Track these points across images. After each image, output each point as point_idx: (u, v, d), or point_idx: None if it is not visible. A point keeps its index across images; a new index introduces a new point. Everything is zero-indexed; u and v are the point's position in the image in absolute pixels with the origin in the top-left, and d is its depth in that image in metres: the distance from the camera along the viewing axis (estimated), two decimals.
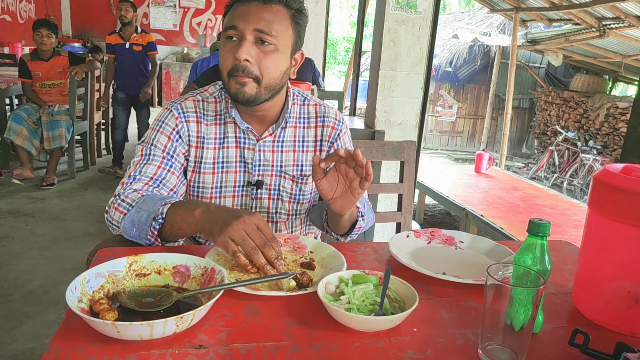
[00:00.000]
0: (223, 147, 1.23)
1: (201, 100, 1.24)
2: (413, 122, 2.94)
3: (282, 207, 1.29)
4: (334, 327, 0.80)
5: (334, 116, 1.32)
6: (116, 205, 1.11)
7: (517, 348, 0.74)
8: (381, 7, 2.80)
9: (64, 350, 0.70)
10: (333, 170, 1.04)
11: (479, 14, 9.32)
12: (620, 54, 6.67)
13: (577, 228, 3.17)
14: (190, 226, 1.02)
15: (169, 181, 1.18)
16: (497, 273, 0.77)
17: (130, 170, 1.17)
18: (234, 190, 1.25)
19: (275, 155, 1.26)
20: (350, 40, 15.42)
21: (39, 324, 2.26)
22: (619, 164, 0.92)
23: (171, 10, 8.99)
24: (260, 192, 1.26)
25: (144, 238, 1.06)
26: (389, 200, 2.96)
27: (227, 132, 1.23)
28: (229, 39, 1.12)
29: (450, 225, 4.71)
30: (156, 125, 1.21)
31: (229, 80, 1.13)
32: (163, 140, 1.19)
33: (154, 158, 1.17)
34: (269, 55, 1.11)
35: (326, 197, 1.06)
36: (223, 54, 1.13)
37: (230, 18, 1.12)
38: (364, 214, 1.22)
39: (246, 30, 1.09)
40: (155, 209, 1.05)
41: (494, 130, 9.48)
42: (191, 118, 1.21)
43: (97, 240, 1.20)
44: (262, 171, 1.25)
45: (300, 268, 1.02)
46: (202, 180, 1.23)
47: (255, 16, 1.09)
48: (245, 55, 1.08)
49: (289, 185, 1.28)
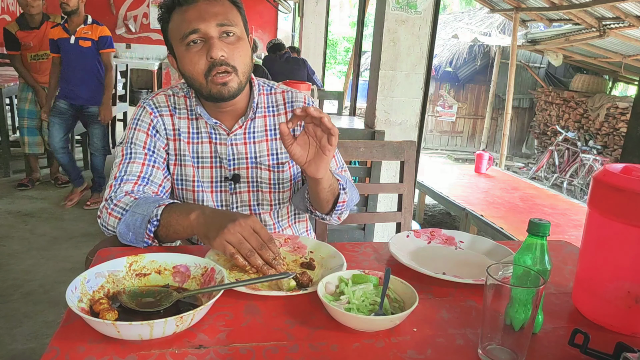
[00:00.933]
0: (197, 142, 1.24)
1: (172, 95, 1.26)
2: (413, 122, 2.94)
3: (263, 198, 1.29)
4: (334, 327, 0.80)
5: (302, 100, 1.32)
6: (109, 210, 1.11)
7: (517, 348, 0.74)
8: (381, 7, 2.80)
9: (64, 350, 0.70)
10: (302, 133, 1.03)
11: (479, 14, 9.32)
12: (620, 54, 6.67)
13: (577, 228, 3.17)
14: (185, 229, 1.03)
15: (156, 177, 1.19)
16: (497, 273, 0.77)
17: (115, 172, 1.17)
18: (212, 185, 1.25)
19: (248, 147, 1.26)
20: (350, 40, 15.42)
21: (39, 324, 2.26)
22: (619, 164, 0.92)
23: None
24: (239, 186, 1.27)
25: (141, 241, 1.06)
26: (389, 200, 2.96)
27: (199, 127, 1.24)
28: (192, 43, 1.11)
29: (450, 225, 4.71)
30: (132, 124, 1.22)
31: (206, 83, 1.12)
32: (142, 137, 1.20)
33: (136, 156, 1.18)
34: (235, 44, 1.13)
35: (300, 161, 1.05)
36: (191, 59, 1.12)
37: (185, 23, 1.10)
38: (345, 187, 1.21)
39: (209, 29, 1.10)
40: (149, 211, 1.05)
41: (494, 130, 9.49)
42: (164, 112, 1.23)
43: (97, 240, 1.20)
44: (237, 165, 1.26)
45: (300, 268, 1.02)
46: (185, 173, 1.24)
47: (209, 13, 1.10)
48: (220, 52, 1.10)
49: (266, 175, 1.28)
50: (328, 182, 1.13)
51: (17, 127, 4.03)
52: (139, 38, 9.02)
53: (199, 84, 1.14)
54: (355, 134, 2.89)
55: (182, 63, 1.15)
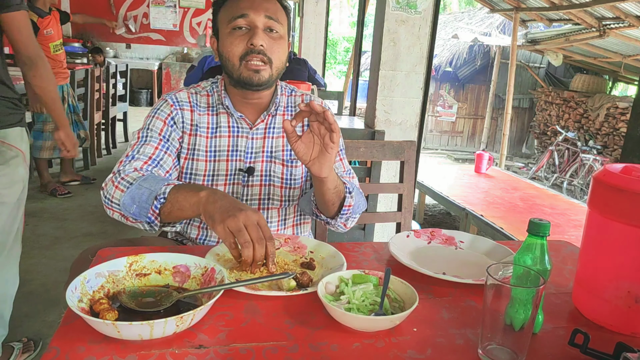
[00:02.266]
0: (215, 137, 1.27)
1: (194, 93, 1.30)
2: (413, 122, 2.94)
3: (273, 192, 1.31)
4: (334, 327, 0.80)
5: (319, 103, 1.33)
6: (116, 183, 1.11)
7: (517, 348, 0.74)
8: (381, 7, 2.80)
9: (64, 350, 0.70)
10: (307, 132, 1.06)
11: (479, 14, 9.32)
12: (620, 54, 6.67)
13: (577, 228, 3.17)
14: (192, 206, 1.02)
15: (165, 162, 1.21)
16: (497, 273, 0.77)
17: (128, 151, 1.21)
18: (226, 178, 1.28)
19: (267, 141, 1.30)
20: (350, 40, 15.42)
21: (39, 324, 2.26)
22: (619, 164, 0.92)
23: (171, 10, 8.99)
24: (252, 178, 1.29)
25: (144, 215, 1.06)
26: (389, 200, 2.96)
27: (219, 122, 1.28)
28: (238, 28, 1.17)
29: (450, 225, 4.71)
30: (152, 112, 1.26)
31: (239, 65, 1.18)
32: (159, 125, 1.24)
33: (151, 139, 1.22)
34: (277, 41, 1.20)
35: (304, 159, 1.07)
36: (232, 41, 1.18)
37: (237, 8, 1.17)
38: (351, 190, 1.23)
39: (257, 17, 1.17)
40: (157, 187, 1.06)
41: (494, 130, 9.48)
42: (185, 107, 1.27)
43: (98, 240, 1.20)
44: (253, 158, 1.29)
45: (300, 268, 1.02)
46: (195, 167, 1.26)
47: (262, 5, 1.18)
48: (261, 41, 1.16)
49: (279, 169, 1.30)
50: (333, 182, 1.14)
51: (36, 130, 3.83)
52: (139, 38, 9.02)
53: (232, 65, 1.19)
54: (355, 134, 2.89)
55: (222, 44, 1.21)
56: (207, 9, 9.10)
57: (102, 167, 4.80)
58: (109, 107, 5.20)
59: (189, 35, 9.17)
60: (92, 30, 8.76)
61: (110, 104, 5.24)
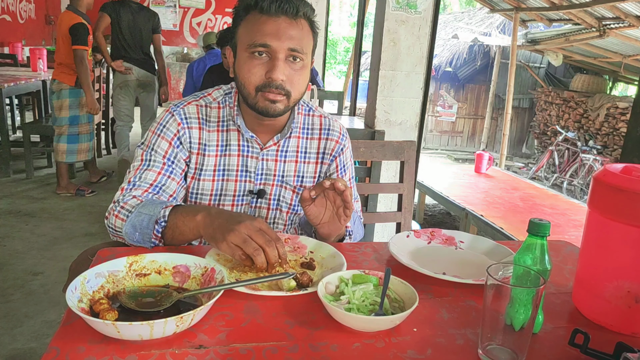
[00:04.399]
0: (225, 155, 1.21)
1: (204, 106, 1.21)
2: (413, 122, 2.94)
3: (280, 217, 1.29)
4: (334, 327, 0.80)
5: (338, 130, 1.33)
6: (116, 212, 1.11)
7: (517, 348, 0.74)
8: (381, 7, 2.80)
9: (64, 350, 0.70)
10: (321, 196, 1.06)
11: (479, 14, 9.32)
12: (620, 54, 6.67)
13: (577, 228, 3.17)
14: (192, 231, 1.02)
15: (168, 187, 1.17)
16: (497, 273, 0.77)
17: (130, 176, 1.16)
18: (234, 199, 1.24)
19: (278, 165, 1.25)
20: (350, 40, 15.42)
21: (39, 324, 2.26)
22: (619, 164, 0.92)
23: (171, 10, 8.99)
24: (261, 201, 1.26)
25: (147, 241, 1.06)
26: (389, 200, 2.96)
27: (229, 139, 1.21)
28: (257, 54, 1.09)
29: (450, 225, 4.70)
30: (157, 129, 1.18)
31: (255, 95, 1.11)
32: (164, 146, 1.17)
33: (154, 164, 1.16)
34: (299, 72, 1.12)
35: (314, 222, 1.08)
36: (251, 69, 1.10)
37: (260, 35, 1.07)
38: (351, 232, 1.25)
39: (280, 50, 1.07)
40: (156, 212, 1.05)
41: (494, 130, 9.48)
42: (194, 124, 1.19)
43: (97, 240, 1.20)
44: (264, 180, 1.25)
45: (300, 268, 1.02)
46: (202, 187, 1.22)
47: (287, 34, 1.08)
48: (281, 76, 1.08)
49: (289, 195, 1.28)
50: (337, 237, 1.18)
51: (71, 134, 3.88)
52: None
53: (247, 93, 1.12)
54: (355, 134, 2.89)
55: (239, 66, 1.13)
56: (207, 9, 9.10)
57: (102, 167, 4.80)
58: (109, 107, 5.20)
59: (189, 35, 9.17)
60: None
61: (110, 104, 5.23)
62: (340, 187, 1.00)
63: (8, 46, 6.42)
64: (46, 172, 4.55)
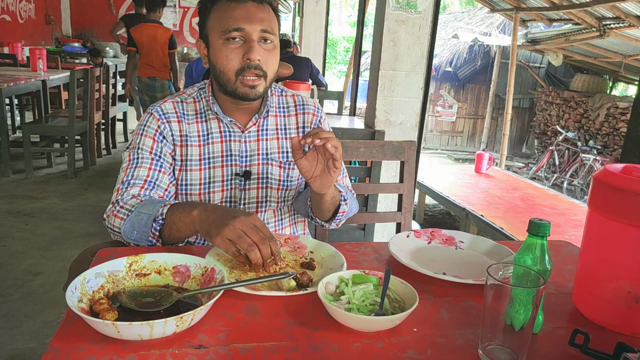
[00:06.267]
0: (208, 143, 1.25)
1: (180, 102, 1.27)
2: (413, 122, 2.94)
3: (270, 194, 1.31)
4: (334, 327, 0.80)
5: (312, 105, 1.38)
6: (115, 212, 1.13)
7: (517, 348, 0.74)
8: (381, 7, 2.80)
9: (64, 350, 0.70)
10: (312, 150, 1.07)
11: (479, 14, 9.32)
12: (621, 54, 6.67)
13: (577, 228, 3.17)
14: (188, 227, 1.03)
15: (162, 182, 1.20)
16: (497, 273, 0.77)
17: (122, 176, 1.19)
18: (223, 184, 1.27)
19: (261, 144, 1.29)
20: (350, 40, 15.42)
21: (39, 324, 2.26)
22: (619, 164, 0.92)
23: (171, 10, 8.99)
24: (249, 182, 1.28)
25: (145, 240, 1.07)
26: (389, 200, 2.96)
27: (210, 128, 1.26)
28: (232, 39, 1.14)
29: (450, 225, 4.70)
30: (139, 130, 1.24)
31: (235, 81, 1.16)
32: (149, 143, 1.21)
33: (142, 161, 1.20)
34: (271, 52, 1.18)
35: (306, 176, 1.09)
36: (228, 55, 1.15)
37: (232, 20, 1.13)
38: (346, 198, 1.25)
39: (253, 31, 1.14)
40: (154, 210, 1.06)
41: (494, 130, 9.48)
42: (172, 118, 1.24)
43: (97, 240, 1.20)
44: (248, 161, 1.28)
45: (300, 268, 1.02)
46: (190, 178, 1.25)
47: (257, 17, 1.14)
48: (258, 56, 1.14)
49: (276, 171, 1.30)
50: (331, 195, 1.17)
51: None
52: None
53: (227, 80, 1.17)
54: (355, 134, 2.89)
55: (215, 55, 1.17)
56: None
57: (102, 167, 4.80)
58: (109, 107, 5.20)
59: (189, 35, 9.17)
60: (92, 30, 8.77)
61: (110, 104, 5.23)
62: (330, 150, 1.01)
63: (8, 46, 6.42)
64: (46, 172, 4.55)
